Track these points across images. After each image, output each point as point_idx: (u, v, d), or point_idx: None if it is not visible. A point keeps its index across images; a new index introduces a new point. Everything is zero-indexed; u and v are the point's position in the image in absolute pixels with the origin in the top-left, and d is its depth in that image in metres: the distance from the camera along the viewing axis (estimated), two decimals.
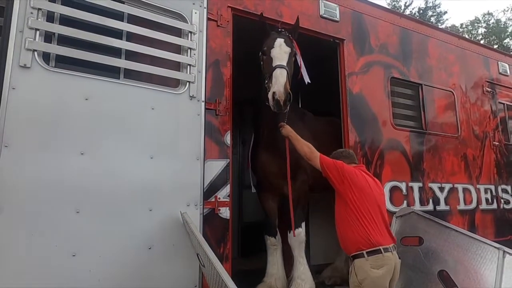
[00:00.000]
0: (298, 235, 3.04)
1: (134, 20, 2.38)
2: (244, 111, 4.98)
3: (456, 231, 2.87)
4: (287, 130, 2.79)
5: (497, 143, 4.67)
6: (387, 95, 3.74)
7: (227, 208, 2.62)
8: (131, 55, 2.34)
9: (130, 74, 2.33)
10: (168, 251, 2.24)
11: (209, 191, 2.54)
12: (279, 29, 2.84)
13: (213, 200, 2.56)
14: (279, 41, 2.72)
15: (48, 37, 2.09)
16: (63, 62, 2.10)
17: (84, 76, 2.12)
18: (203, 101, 2.57)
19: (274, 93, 2.46)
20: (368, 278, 2.17)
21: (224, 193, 2.62)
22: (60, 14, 2.13)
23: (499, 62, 5.09)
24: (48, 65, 2.04)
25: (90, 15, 2.19)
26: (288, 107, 2.56)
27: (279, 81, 2.49)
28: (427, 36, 4.29)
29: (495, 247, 2.56)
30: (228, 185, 2.66)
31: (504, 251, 2.54)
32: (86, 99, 2.10)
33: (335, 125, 3.65)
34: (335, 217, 2.50)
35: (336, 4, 3.56)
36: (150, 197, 2.23)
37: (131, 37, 2.36)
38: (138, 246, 2.14)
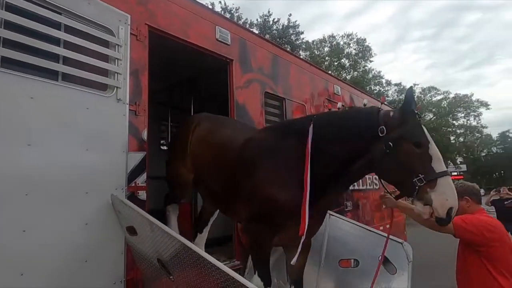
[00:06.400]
0: None
1: (70, 30, 2.75)
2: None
3: None
4: (392, 202, 2.71)
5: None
6: (262, 105, 4.92)
7: (144, 191, 3.23)
8: (68, 61, 2.71)
9: (67, 77, 2.70)
10: (100, 226, 2.74)
11: (131, 177, 3.10)
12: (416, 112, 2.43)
13: (133, 185, 3.13)
14: (428, 133, 2.34)
15: None
16: (8, 63, 2.36)
17: (28, 77, 2.43)
18: (127, 104, 3.11)
19: (451, 208, 2.12)
20: None
21: (142, 180, 3.22)
22: (5, 19, 2.37)
23: (334, 85, 7.03)
24: None
25: (32, 23, 2.48)
26: None
27: (455, 194, 2.15)
28: (289, 62, 5.69)
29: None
30: (145, 173, 3.26)
31: (329, 214, 3.98)
32: (32, 98, 2.42)
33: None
34: (460, 264, 2.72)
35: (228, 31, 4.49)
36: (86, 182, 2.68)
37: (68, 45, 2.72)
38: (77, 223, 2.59)
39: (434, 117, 37.59)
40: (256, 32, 24.87)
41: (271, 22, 26.40)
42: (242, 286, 1.83)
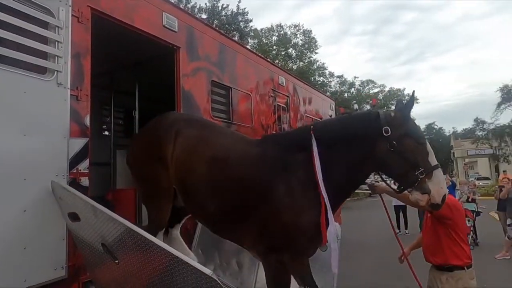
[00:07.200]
0: None
1: (5, 9, 2.60)
2: None
3: None
4: (382, 188, 3.25)
5: (274, 132, 6.83)
6: (208, 93, 5.01)
7: (87, 178, 3.20)
8: (2, 42, 2.57)
9: (1, 59, 2.56)
10: (40, 213, 2.70)
11: (72, 163, 3.06)
12: None
13: (75, 171, 3.10)
14: None
15: None
16: None
17: None
18: (68, 88, 3.03)
19: (445, 195, 2.53)
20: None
21: (84, 166, 3.18)
22: None
23: (279, 76, 7.32)
24: None
25: None
26: None
27: (445, 183, 2.66)
28: (237, 52, 5.82)
29: None
30: (88, 159, 3.23)
31: None
32: None
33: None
34: (428, 235, 3.39)
35: (176, 17, 4.48)
36: (24, 168, 2.61)
37: (3, 24, 2.58)
38: (14, 209, 2.53)
39: (371, 109, 40.15)
40: (205, 17, 24.41)
41: (220, 8, 26.03)
42: (186, 264, 1.99)
